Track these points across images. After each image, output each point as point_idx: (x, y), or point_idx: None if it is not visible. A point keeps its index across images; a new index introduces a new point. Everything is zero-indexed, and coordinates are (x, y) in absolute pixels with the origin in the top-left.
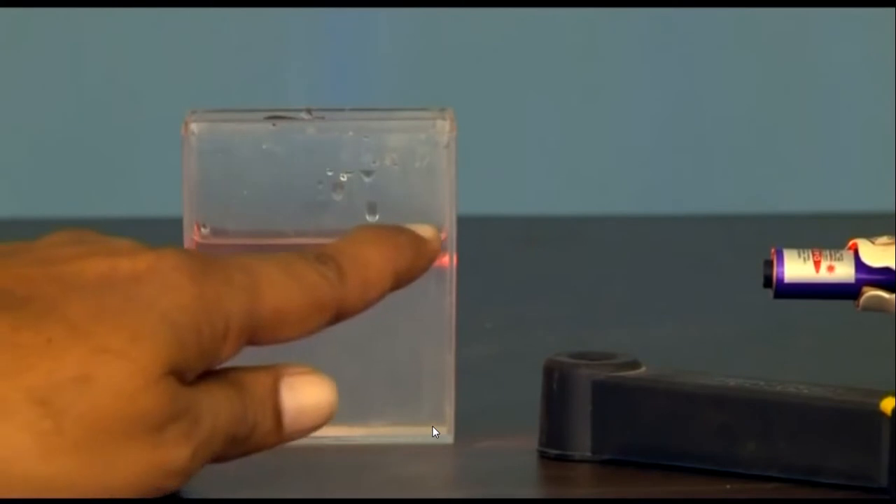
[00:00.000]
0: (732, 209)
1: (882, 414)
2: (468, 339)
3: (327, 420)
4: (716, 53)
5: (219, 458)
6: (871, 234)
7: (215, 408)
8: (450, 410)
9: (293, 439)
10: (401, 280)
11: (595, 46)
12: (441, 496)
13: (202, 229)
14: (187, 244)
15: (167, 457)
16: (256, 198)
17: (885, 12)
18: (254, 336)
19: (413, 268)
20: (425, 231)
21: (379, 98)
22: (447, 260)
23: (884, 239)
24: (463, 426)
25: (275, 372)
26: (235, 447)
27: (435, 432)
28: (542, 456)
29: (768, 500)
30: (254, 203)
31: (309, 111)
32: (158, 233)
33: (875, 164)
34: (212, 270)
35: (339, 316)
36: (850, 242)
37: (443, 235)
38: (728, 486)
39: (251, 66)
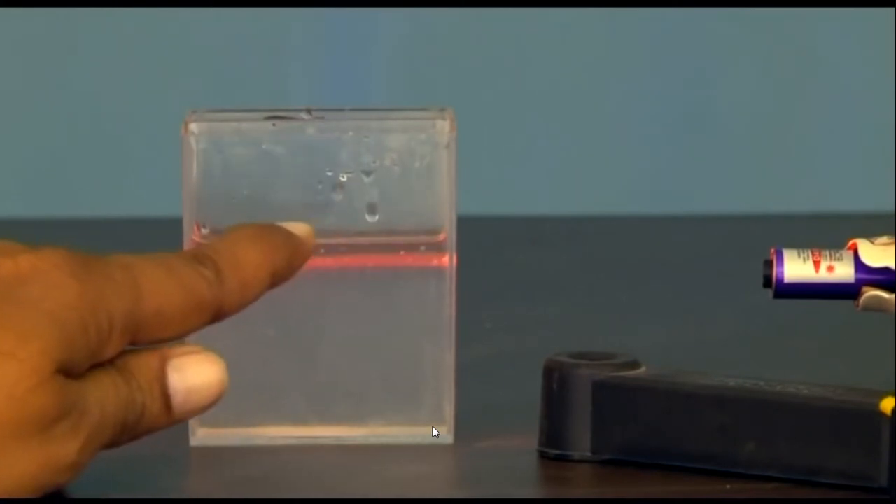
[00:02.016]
0: (732, 209)
1: (882, 414)
2: (468, 339)
3: (218, 398)
4: (716, 54)
5: (110, 445)
6: (870, 234)
7: (102, 397)
8: (450, 410)
9: (185, 419)
10: (278, 279)
11: (595, 46)
12: (441, 496)
13: (202, 229)
14: (187, 244)
15: (56, 454)
16: (256, 198)
17: (885, 12)
18: (136, 335)
19: (289, 267)
20: (300, 229)
21: (379, 98)
22: (447, 260)
23: (883, 239)
24: (463, 426)
25: (162, 354)
26: (126, 433)
27: (435, 432)
28: (542, 456)
29: (768, 500)
30: (254, 203)
31: (309, 111)
32: (158, 233)
33: (875, 164)
34: (94, 269)
35: (217, 316)
36: (850, 242)
37: (443, 235)
38: (728, 486)
39: (251, 66)
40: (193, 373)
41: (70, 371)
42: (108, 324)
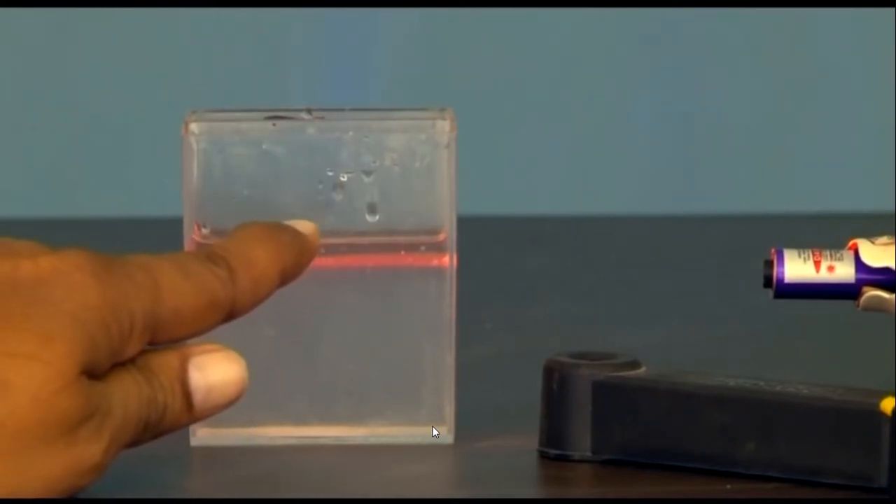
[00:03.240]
0: (732, 209)
1: (882, 414)
2: (468, 339)
3: (238, 396)
4: (716, 54)
5: (132, 445)
6: (871, 234)
7: (125, 397)
8: (450, 410)
9: (206, 417)
10: (287, 277)
11: (595, 46)
12: (441, 496)
13: (202, 229)
14: (187, 244)
15: (81, 456)
16: (256, 198)
17: (885, 12)
18: (154, 334)
19: (298, 265)
20: (305, 227)
21: (379, 98)
22: (447, 260)
23: (884, 239)
24: (463, 426)
25: (182, 353)
26: (148, 432)
27: (435, 432)
28: (542, 456)
29: (768, 500)
30: (254, 203)
31: (309, 111)
32: (158, 233)
33: (875, 164)
34: (114, 269)
35: (230, 315)
36: (850, 242)
37: (443, 236)
38: (728, 486)
39: (251, 66)
40: (214, 371)
41: (93, 372)
42: (130, 323)
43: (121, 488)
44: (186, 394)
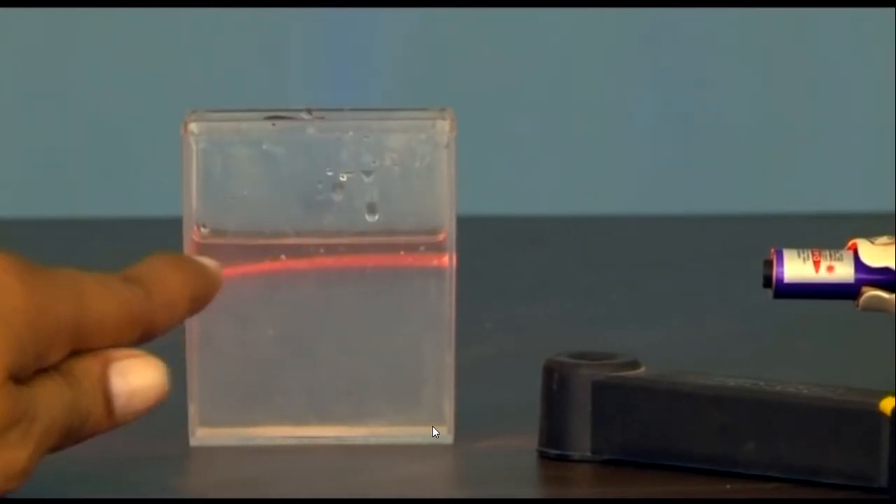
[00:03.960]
0: (732, 209)
1: (882, 414)
2: (468, 339)
3: (159, 400)
4: (716, 54)
5: (55, 450)
6: (870, 234)
7: (49, 403)
8: (450, 410)
9: (125, 423)
10: (196, 305)
11: (595, 47)
12: (441, 496)
13: (202, 229)
14: (187, 244)
15: (8, 460)
16: (256, 198)
17: (885, 12)
18: (77, 342)
19: (205, 294)
20: (209, 262)
21: (379, 98)
22: (447, 260)
23: (883, 239)
24: (463, 426)
25: (103, 358)
26: (70, 437)
27: (435, 432)
28: (542, 456)
29: (768, 500)
30: (254, 203)
31: (309, 111)
32: (158, 233)
33: (875, 164)
34: (39, 274)
35: (146, 333)
36: (850, 242)
37: (442, 236)
38: (728, 486)
39: (251, 66)
40: (136, 376)
41: (19, 376)
42: (55, 328)
43: (121, 488)
44: (107, 399)
